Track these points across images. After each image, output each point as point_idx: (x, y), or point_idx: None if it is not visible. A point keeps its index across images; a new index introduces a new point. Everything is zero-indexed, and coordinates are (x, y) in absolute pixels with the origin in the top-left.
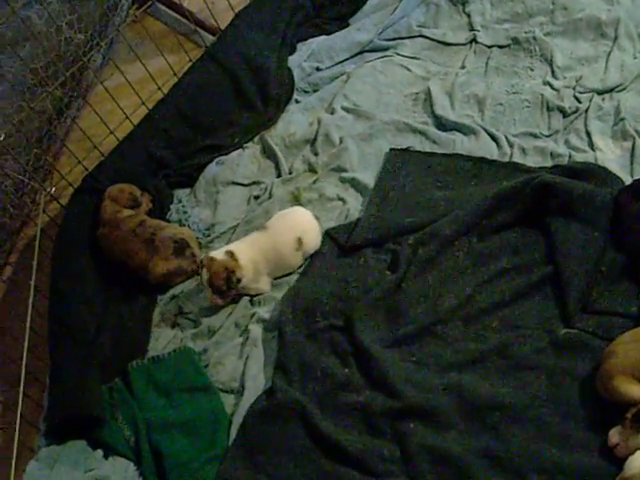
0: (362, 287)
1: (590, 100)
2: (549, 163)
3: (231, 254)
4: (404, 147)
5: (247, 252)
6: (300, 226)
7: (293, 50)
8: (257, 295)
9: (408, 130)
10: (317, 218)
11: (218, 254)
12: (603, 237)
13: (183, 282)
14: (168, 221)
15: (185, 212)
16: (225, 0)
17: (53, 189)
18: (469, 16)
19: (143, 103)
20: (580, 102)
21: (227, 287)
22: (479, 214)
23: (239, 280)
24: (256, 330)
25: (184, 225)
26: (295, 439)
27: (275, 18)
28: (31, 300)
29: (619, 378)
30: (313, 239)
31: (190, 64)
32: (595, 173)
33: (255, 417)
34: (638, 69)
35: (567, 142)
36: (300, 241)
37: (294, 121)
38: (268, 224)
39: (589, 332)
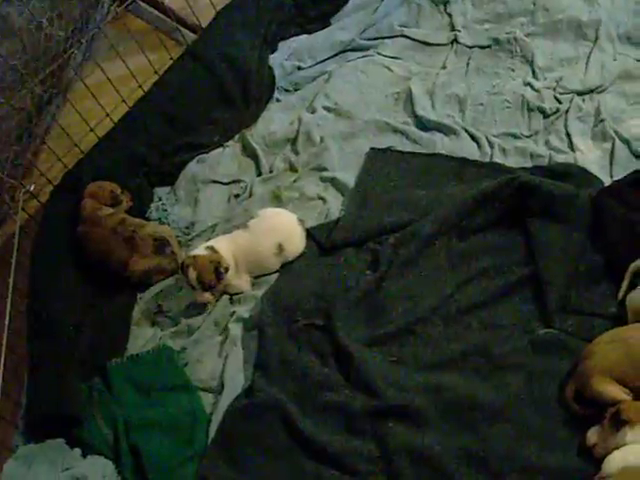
0: (342, 286)
1: (570, 101)
2: (529, 163)
3: (212, 249)
4: (385, 147)
5: (227, 247)
6: (283, 231)
7: (274, 49)
8: (237, 294)
9: (389, 130)
10: (302, 222)
11: (199, 251)
12: (582, 238)
13: (163, 280)
14: (148, 219)
15: (165, 210)
16: None
17: (32, 187)
18: (450, 16)
19: (124, 101)
20: (560, 103)
21: (217, 279)
22: (459, 214)
23: (227, 269)
24: (236, 329)
25: (164, 223)
26: (274, 438)
27: (257, 16)
28: (9, 298)
29: (598, 378)
30: (295, 246)
31: (171, 62)
32: (575, 174)
33: (234, 416)
34: (618, 70)
35: (547, 143)
36: (281, 247)
37: (275, 120)
38: (250, 223)
39: (568, 332)
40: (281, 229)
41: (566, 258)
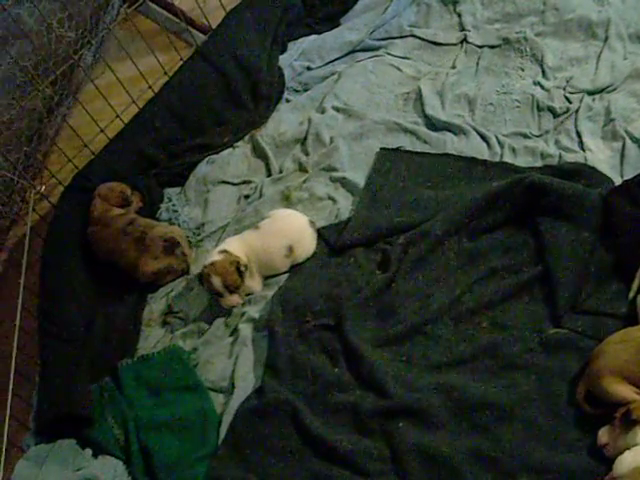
0: (352, 287)
1: (580, 100)
2: (539, 163)
3: (226, 252)
4: (394, 147)
5: (239, 247)
6: (294, 234)
7: (284, 49)
8: (247, 295)
9: (399, 130)
10: (313, 224)
11: (214, 257)
12: (593, 237)
13: (173, 281)
14: (158, 220)
15: (175, 211)
16: None
17: (43, 187)
18: (460, 16)
19: (134, 102)
20: (570, 102)
21: (241, 279)
22: (469, 214)
23: (246, 267)
24: (246, 329)
25: (174, 224)
26: (285, 438)
27: (266, 17)
28: (20, 299)
29: (608, 378)
30: (305, 249)
31: (181, 63)
32: (585, 173)
33: (245, 416)
34: (628, 70)
35: (557, 142)
36: (291, 249)
37: (284, 120)
38: (261, 224)
39: (578, 332)
40: (292, 231)
41: (576, 258)
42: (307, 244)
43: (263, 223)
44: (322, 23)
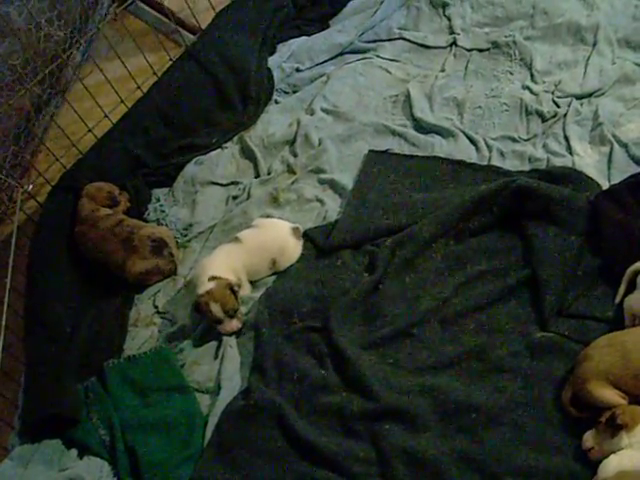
0: (339, 288)
1: (569, 105)
2: (527, 167)
3: (215, 277)
4: (383, 149)
5: (224, 266)
6: (276, 247)
7: (273, 51)
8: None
9: (387, 132)
10: (296, 231)
11: (207, 286)
12: (580, 241)
13: (160, 281)
14: (146, 220)
15: (163, 211)
16: None
17: (30, 187)
18: (449, 19)
19: (122, 101)
20: (559, 107)
21: (237, 301)
22: (457, 217)
23: (239, 285)
24: None
25: (162, 224)
26: (271, 440)
27: (256, 18)
28: (7, 298)
29: (594, 382)
30: (288, 259)
31: (170, 63)
32: (573, 177)
33: (231, 418)
34: (617, 74)
35: (545, 146)
36: (274, 261)
37: (273, 122)
38: (242, 238)
39: (565, 336)
40: (274, 245)
41: (563, 261)
42: (290, 254)
43: (245, 235)
44: (312, 25)
